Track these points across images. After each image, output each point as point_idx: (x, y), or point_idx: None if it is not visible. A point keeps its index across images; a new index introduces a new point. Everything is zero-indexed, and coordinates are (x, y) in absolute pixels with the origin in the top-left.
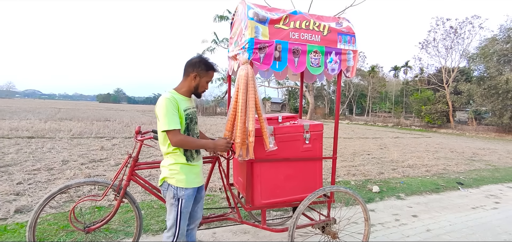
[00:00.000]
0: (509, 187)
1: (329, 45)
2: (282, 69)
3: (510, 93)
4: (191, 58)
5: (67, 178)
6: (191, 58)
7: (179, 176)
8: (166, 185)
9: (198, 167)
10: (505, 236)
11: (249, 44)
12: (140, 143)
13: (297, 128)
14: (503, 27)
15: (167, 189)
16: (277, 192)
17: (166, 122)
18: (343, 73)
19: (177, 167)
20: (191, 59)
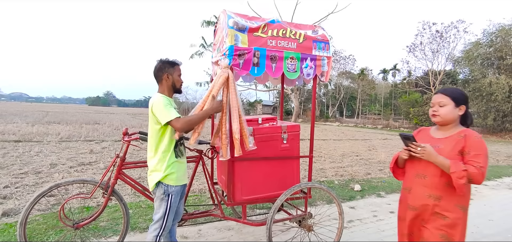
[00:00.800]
0: (484, 185)
1: (305, 51)
2: (260, 74)
3: (494, 96)
4: (155, 66)
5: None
6: (155, 66)
7: (171, 176)
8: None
9: (184, 164)
10: (473, 229)
11: (229, 51)
12: (127, 144)
13: (276, 129)
14: (486, 32)
15: (157, 186)
16: (257, 188)
17: (167, 114)
18: (318, 78)
19: (169, 168)
20: (155, 66)
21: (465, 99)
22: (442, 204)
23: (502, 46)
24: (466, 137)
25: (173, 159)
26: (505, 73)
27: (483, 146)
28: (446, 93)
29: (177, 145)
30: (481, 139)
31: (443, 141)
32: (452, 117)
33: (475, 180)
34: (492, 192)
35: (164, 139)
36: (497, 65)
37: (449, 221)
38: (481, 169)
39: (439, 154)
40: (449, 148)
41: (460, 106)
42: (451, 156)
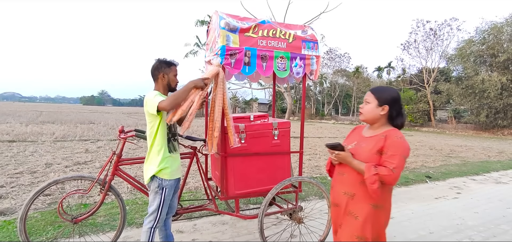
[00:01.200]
0: (473, 179)
1: (294, 51)
2: (251, 73)
3: (486, 93)
4: (152, 65)
5: None
6: (153, 64)
7: (165, 170)
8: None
9: (178, 159)
10: (458, 221)
11: (221, 51)
12: (123, 141)
13: (267, 125)
14: (479, 29)
15: (152, 180)
16: (249, 183)
17: (154, 102)
18: (307, 76)
19: (164, 163)
20: (152, 65)
21: (390, 100)
22: (354, 201)
23: (494, 44)
24: (386, 137)
25: (166, 154)
26: (497, 70)
27: (400, 146)
28: (372, 92)
29: (170, 141)
30: (402, 140)
31: (367, 140)
32: (373, 116)
33: (387, 181)
34: (480, 186)
35: (157, 135)
36: (489, 63)
37: (360, 220)
38: (394, 171)
39: (360, 153)
40: (369, 147)
41: (382, 106)
42: (370, 156)
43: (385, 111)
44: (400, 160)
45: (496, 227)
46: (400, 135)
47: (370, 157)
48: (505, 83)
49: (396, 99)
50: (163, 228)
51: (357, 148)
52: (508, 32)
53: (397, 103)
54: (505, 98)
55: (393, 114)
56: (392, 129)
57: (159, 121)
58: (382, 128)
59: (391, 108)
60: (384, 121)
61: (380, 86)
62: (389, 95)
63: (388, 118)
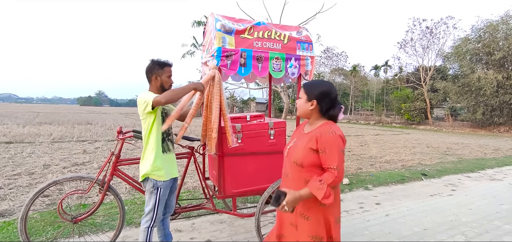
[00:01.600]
0: (468, 176)
1: (289, 52)
2: (247, 74)
3: (482, 90)
4: (146, 66)
5: None
6: (146, 66)
7: (158, 171)
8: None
9: (173, 158)
10: (452, 217)
11: (217, 52)
12: (122, 142)
13: (263, 125)
14: (475, 28)
15: (147, 180)
16: (246, 182)
17: (147, 100)
18: (302, 76)
19: (157, 163)
20: (146, 66)
21: (317, 95)
22: (303, 202)
23: (490, 42)
24: (319, 133)
25: (160, 154)
26: (493, 68)
27: (334, 141)
28: (303, 86)
29: (165, 141)
30: (333, 134)
31: (303, 137)
32: (303, 111)
33: (336, 183)
34: (474, 183)
35: (151, 134)
36: (485, 61)
37: (312, 220)
38: (336, 171)
39: (295, 151)
40: (303, 144)
41: (311, 101)
42: (304, 153)
43: (314, 106)
44: (339, 156)
45: (489, 223)
46: (332, 129)
47: (304, 154)
48: (501, 81)
49: (325, 94)
50: (162, 227)
51: (293, 146)
52: (503, 30)
53: (327, 97)
54: (501, 96)
55: (323, 108)
56: (324, 124)
57: (153, 120)
58: (317, 122)
59: (320, 103)
60: (318, 116)
61: (312, 81)
62: (318, 90)
63: (322, 112)
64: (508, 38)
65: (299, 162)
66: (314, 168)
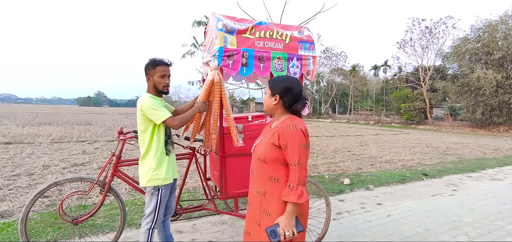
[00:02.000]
0: (469, 176)
1: (291, 51)
2: (249, 74)
3: (482, 90)
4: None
5: None
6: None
7: (160, 177)
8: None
9: (173, 159)
10: (454, 218)
11: (219, 52)
12: (123, 142)
13: (264, 125)
14: (474, 27)
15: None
16: (247, 182)
17: (160, 114)
18: (304, 76)
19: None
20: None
21: (280, 90)
22: (266, 199)
23: (489, 42)
24: (280, 128)
25: (164, 158)
26: (492, 68)
27: (295, 135)
28: (268, 82)
29: (167, 143)
30: (294, 128)
31: (268, 133)
32: (268, 106)
33: (302, 180)
34: (476, 183)
35: (153, 139)
36: (484, 60)
37: (274, 217)
38: (298, 165)
39: (259, 147)
40: (266, 140)
41: (274, 96)
42: (266, 149)
43: (277, 101)
44: (300, 150)
45: (491, 223)
46: (293, 123)
47: (267, 150)
48: (500, 81)
49: (287, 89)
50: (162, 228)
51: (259, 143)
52: (502, 30)
53: (289, 93)
54: (501, 96)
55: (285, 103)
56: (287, 118)
57: (157, 125)
58: (281, 118)
59: (282, 98)
60: (282, 111)
61: (277, 77)
62: (281, 85)
63: (285, 107)
64: (507, 38)
65: (262, 158)
66: (277, 163)
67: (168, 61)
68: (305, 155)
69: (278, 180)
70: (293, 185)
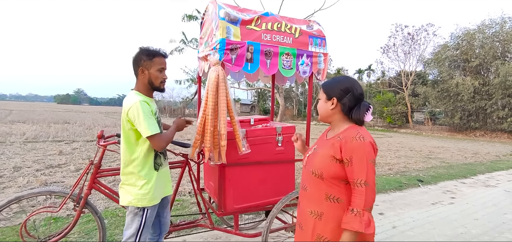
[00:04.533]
0: (462, 183)
1: (301, 47)
2: (254, 70)
3: (460, 96)
4: (133, 56)
5: (20, 187)
6: (133, 56)
7: (146, 197)
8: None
9: (166, 172)
10: (461, 229)
11: (220, 44)
12: (103, 149)
13: (270, 130)
14: (454, 35)
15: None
16: (250, 196)
17: (148, 127)
18: (314, 76)
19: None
20: (133, 56)
21: (337, 92)
22: (323, 223)
23: (468, 49)
24: (343, 139)
25: (152, 174)
26: (470, 74)
27: (362, 149)
28: (322, 86)
29: (157, 156)
30: (360, 140)
31: (325, 143)
32: (324, 112)
33: (369, 204)
34: (471, 190)
35: (139, 149)
36: (463, 67)
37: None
38: (366, 185)
39: (314, 160)
40: (324, 152)
41: (331, 99)
42: (323, 162)
43: (334, 105)
44: (368, 167)
45: (500, 235)
46: (359, 134)
47: (324, 164)
48: (477, 87)
49: (346, 90)
50: None
51: (313, 154)
52: (479, 39)
53: (349, 94)
54: (477, 101)
55: (345, 108)
56: (349, 128)
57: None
58: (340, 126)
59: (341, 101)
60: (340, 118)
61: (332, 78)
62: (338, 86)
63: (345, 113)
64: (484, 46)
65: (318, 172)
66: (336, 181)
67: (164, 52)
68: (373, 173)
69: (338, 200)
70: (358, 211)
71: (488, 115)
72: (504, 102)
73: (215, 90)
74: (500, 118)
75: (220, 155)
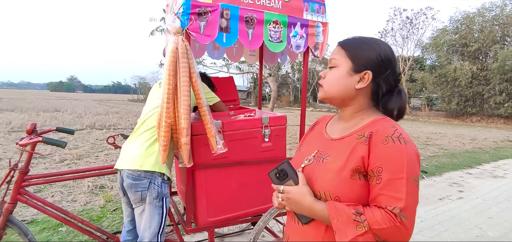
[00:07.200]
0: (469, 173)
1: (293, 14)
2: (232, 43)
3: (458, 81)
4: None
5: None
6: None
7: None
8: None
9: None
10: (476, 231)
11: (184, 7)
12: (31, 148)
13: (253, 122)
14: (453, 19)
15: (147, 187)
16: (229, 205)
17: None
18: (311, 51)
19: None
20: None
21: (375, 62)
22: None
23: (467, 33)
24: (371, 137)
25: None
26: (468, 59)
27: (399, 156)
28: (343, 46)
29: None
30: (400, 142)
31: (336, 145)
32: (343, 91)
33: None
34: (479, 182)
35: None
36: (461, 52)
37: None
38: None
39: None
40: (339, 163)
41: (361, 72)
42: (344, 180)
43: (366, 81)
44: (409, 188)
45: None
46: (396, 132)
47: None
48: (475, 72)
49: (387, 62)
50: None
51: (317, 165)
52: (479, 22)
53: (389, 70)
54: (475, 87)
55: (381, 89)
56: (380, 120)
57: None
58: (363, 117)
59: (377, 78)
60: (366, 104)
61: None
62: (373, 51)
63: (373, 99)
64: (483, 30)
65: (333, 197)
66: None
67: None
68: (416, 199)
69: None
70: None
71: (485, 100)
72: (501, 87)
73: (173, 68)
74: (497, 103)
75: (184, 156)
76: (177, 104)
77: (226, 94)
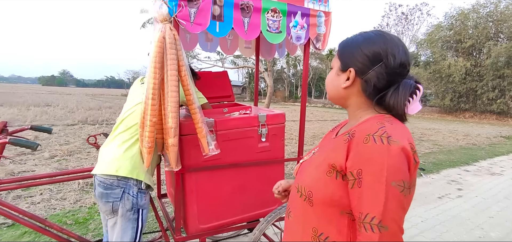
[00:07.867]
0: (466, 170)
1: (293, 2)
2: (226, 33)
3: (451, 77)
4: None
5: None
6: None
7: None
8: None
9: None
10: (478, 231)
11: None
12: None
13: (249, 120)
14: (448, 15)
15: (120, 198)
16: (223, 211)
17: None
18: (312, 43)
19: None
20: None
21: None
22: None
23: (461, 30)
24: (353, 136)
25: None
26: (462, 56)
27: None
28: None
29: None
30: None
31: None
32: (334, 91)
33: None
34: (477, 180)
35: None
36: (455, 48)
37: None
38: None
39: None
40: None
41: (345, 70)
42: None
43: (350, 81)
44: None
45: None
46: (383, 129)
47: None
48: (469, 68)
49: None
50: None
51: (307, 162)
52: (473, 18)
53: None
54: (468, 83)
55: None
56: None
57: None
58: (358, 116)
59: (362, 75)
60: (360, 103)
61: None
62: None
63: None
64: (478, 26)
65: (306, 192)
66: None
67: None
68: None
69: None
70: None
71: (478, 96)
72: (494, 84)
73: (159, 60)
74: (490, 99)
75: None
76: (164, 100)
77: (220, 89)
